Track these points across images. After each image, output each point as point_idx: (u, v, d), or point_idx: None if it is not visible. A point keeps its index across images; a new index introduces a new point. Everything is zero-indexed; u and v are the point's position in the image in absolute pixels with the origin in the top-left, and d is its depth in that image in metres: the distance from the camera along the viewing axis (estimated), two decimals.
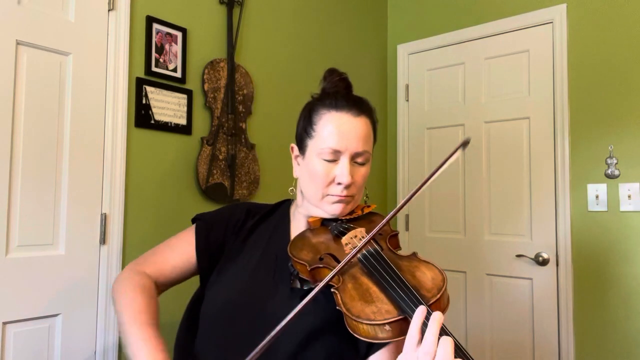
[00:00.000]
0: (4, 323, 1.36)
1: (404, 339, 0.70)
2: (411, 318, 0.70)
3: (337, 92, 1.02)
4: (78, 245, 1.53)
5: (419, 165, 2.86)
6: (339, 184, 0.95)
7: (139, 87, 1.70)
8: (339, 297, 0.78)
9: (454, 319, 2.65)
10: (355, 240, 0.90)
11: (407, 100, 2.93)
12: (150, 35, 1.74)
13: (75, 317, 1.52)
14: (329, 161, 0.95)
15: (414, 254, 0.87)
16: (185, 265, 1.06)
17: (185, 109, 1.83)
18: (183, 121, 1.82)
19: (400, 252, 0.90)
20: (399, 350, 0.82)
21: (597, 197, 2.24)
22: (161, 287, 1.06)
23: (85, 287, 1.55)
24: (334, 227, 0.96)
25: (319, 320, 0.89)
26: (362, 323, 0.73)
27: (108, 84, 1.62)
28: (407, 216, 2.88)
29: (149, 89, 1.73)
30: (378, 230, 0.82)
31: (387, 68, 3.03)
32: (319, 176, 0.95)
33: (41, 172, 1.46)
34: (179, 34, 1.83)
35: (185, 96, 1.83)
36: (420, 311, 0.69)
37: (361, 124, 0.97)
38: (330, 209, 0.97)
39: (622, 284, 2.17)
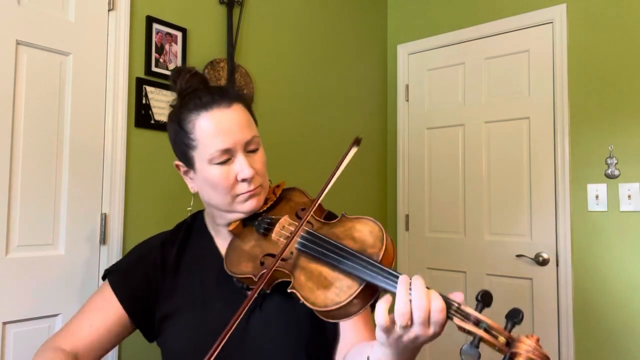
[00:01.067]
0: (4, 323, 1.36)
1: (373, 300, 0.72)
2: (371, 282, 0.70)
3: (196, 90, 0.93)
4: (78, 245, 1.53)
5: (419, 165, 2.86)
6: (244, 180, 0.89)
7: (139, 87, 1.70)
8: (299, 295, 0.76)
9: None
10: (284, 231, 0.88)
11: (407, 100, 2.93)
12: (150, 35, 1.74)
13: None
14: (223, 163, 0.89)
15: (343, 216, 0.86)
16: (113, 324, 0.94)
17: None
18: None
19: (328, 219, 0.88)
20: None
21: (597, 197, 2.24)
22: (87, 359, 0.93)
23: (85, 287, 1.55)
24: (258, 225, 0.92)
25: (285, 315, 0.89)
26: (331, 310, 0.72)
27: (108, 84, 1.62)
28: (407, 216, 2.88)
29: (149, 89, 1.73)
30: (304, 221, 0.82)
31: (387, 68, 3.03)
32: (219, 182, 0.89)
33: (41, 172, 1.46)
34: (179, 34, 1.83)
35: None
36: (404, 281, 0.67)
37: (237, 112, 0.91)
38: (246, 207, 0.91)
39: (622, 284, 2.17)
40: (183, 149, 0.92)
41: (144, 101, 1.71)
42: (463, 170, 2.68)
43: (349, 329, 0.92)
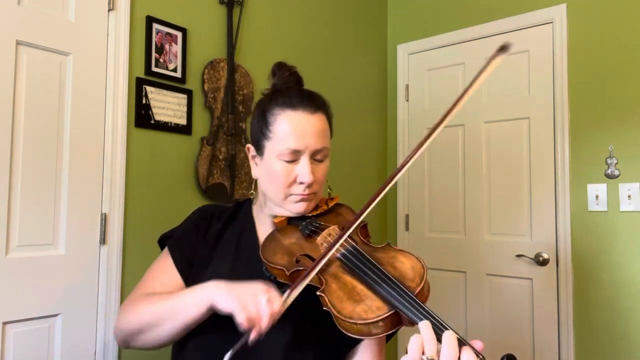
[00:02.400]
0: (4, 323, 1.36)
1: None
2: (401, 312, 0.71)
3: (289, 89, 0.99)
4: (78, 245, 1.53)
5: (419, 165, 2.85)
6: (301, 183, 0.93)
7: (139, 87, 1.70)
8: (327, 299, 0.77)
9: (454, 319, 2.65)
10: (330, 239, 0.89)
11: (407, 100, 2.93)
12: (150, 35, 1.74)
13: (75, 317, 1.52)
14: (288, 162, 0.93)
15: (388, 245, 0.87)
16: (177, 286, 0.99)
17: (185, 109, 1.83)
18: (183, 121, 1.82)
19: (372, 243, 0.90)
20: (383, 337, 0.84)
21: (597, 197, 2.24)
22: None
23: (85, 287, 1.55)
24: (304, 226, 0.95)
25: (307, 319, 0.89)
26: (355, 324, 0.72)
27: (108, 84, 1.62)
28: (407, 216, 2.88)
29: (149, 89, 1.73)
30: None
31: (387, 68, 3.03)
32: (280, 177, 0.94)
33: (41, 172, 1.46)
34: (179, 34, 1.83)
35: (185, 96, 1.83)
36: (427, 326, 0.68)
37: (318, 120, 0.95)
38: (294, 208, 0.96)
39: (622, 284, 2.17)
40: (259, 136, 0.98)
41: (144, 101, 1.71)
42: (463, 170, 2.68)
43: (363, 355, 0.92)
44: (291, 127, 0.92)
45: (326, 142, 0.97)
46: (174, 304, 0.87)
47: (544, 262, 2.37)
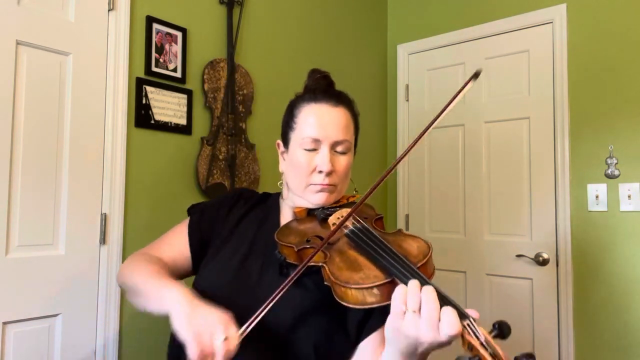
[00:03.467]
0: (4, 323, 1.36)
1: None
2: (400, 280, 0.71)
3: (318, 88, 1.05)
4: (78, 245, 1.53)
5: (419, 165, 2.86)
6: (320, 172, 0.97)
7: (139, 87, 1.70)
8: (327, 270, 0.78)
9: None
10: (341, 219, 0.91)
11: (407, 100, 2.93)
12: (150, 35, 1.74)
13: (75, 317, 1.52)
14: (310, 150, 0.98)
15: (400, 231, 0.90)
16: (182, 259, 1.07)
17: (185, 109, 1.83)
18: (183, 121, 1.82)
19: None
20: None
21: (597, 197, 2.24)
22: (171, 271, 1.04)
23: (85, 287, 1.55)
24: (319, 212, 0.98)
25: (308, 301, 0.90)
26: (350, 288, 0.73)
27: (108, 84, 1.62)
28: (407, 216, 2.89)
29: (149, 89, 1.73)
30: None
31: (387, 68, 3.03)
32: (301, 166, 0.98)
33: (41, 172, 1.46)
34: (179, 34, 1.83)
35: (185, 96, 1.83)
36: (414, 284, 0.69)
37: (340, 113, 1.00)
38: (314, 199, 0.99)
39: (622, 284, 2.17)
40: (286, 130, 1.04)
41: (144, 101, 1.71)
42: (463, 170, 2.68)
43: (367, 347, 0.91)
44: (313, 118, 0.98)
45: (348, 135, 1.00)
46: (150, 288, 0.90)
47: (544, 262, 2.37)
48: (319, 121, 0.98)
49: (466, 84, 0.91)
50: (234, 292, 0.92)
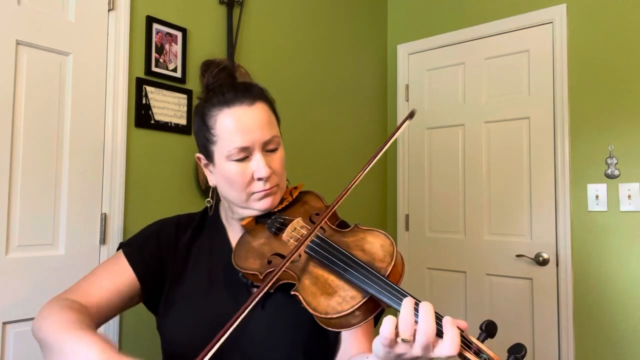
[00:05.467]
0: (4, 323, 1.36)
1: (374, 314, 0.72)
2: (375, 297, 0.70)
3: (222, 85, 0.94)
4: (78, 245, 1.53)
5: (419, 165, 2.86)
6: (259, 179, 0.90)
7: (139, 87, 1.70)
8: (301, 298, 0.76)
9: None
10: (295, 233, 0.88)
11: (407, 100, 2.93)
12: (150, 35, 1.74)
13: None
14: (240, 160, 0.89)
15: (356, 226, 0.86)
16: (123, 286, 0.93)
17: (185, 109, 1.83)
18: (183, 121, 1.82)
19: (341, 228, 0.89)
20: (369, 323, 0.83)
21: (597, 197, 2.24)
22: (94, 317, 0.88)
23: None
24: (270, 224, 0.92)
25: (285, 318, 0.88)
26: (332, 318, 0.72)
27: (108, 84, 1.62)
28: (407, 216, 2.89)
29: (149, 89, 1.73)
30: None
31: (387, 68, 3.03)
32: (236, 179, 0.90)
33: (41, 172, 1.46)
34: (179, 34, 1.83)
35: (185, 96, 1.83)
36: (408, 305, 0.66)
37: (258, 110, 0.90)
38: (260, 206, 0.92)
39: (622, 284, 2.17)
40: (204, 143, 0.94)
41: (144, 101, 1.71)
42: (463, 170, 2.68)
43: (350, 339, 0.91)
44: (233, 125, 0.88)
45: (274, 130, 0.93)
46: (62, 342, 0.74)
47: (544, 262, 2.37)
48: (240, 127, 0.88)
49: (402, 122, 0.90)
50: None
